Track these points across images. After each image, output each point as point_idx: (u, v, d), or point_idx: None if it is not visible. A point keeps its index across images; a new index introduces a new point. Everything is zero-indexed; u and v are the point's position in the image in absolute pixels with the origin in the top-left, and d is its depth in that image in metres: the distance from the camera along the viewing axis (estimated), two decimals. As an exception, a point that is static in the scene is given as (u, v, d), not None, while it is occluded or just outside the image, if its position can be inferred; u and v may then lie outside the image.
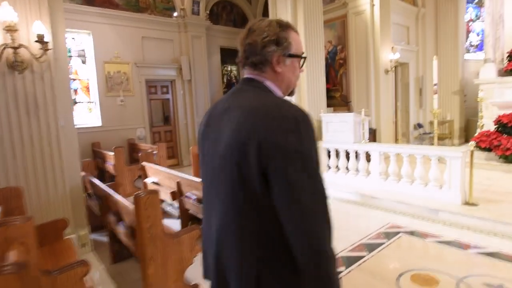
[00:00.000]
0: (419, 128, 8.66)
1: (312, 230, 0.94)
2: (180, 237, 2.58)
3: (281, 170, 0.93)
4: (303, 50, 1.17)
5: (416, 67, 8.69)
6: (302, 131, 0.94)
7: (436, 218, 4.18)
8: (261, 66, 1.09)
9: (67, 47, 7.33)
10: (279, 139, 0.93)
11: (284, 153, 0.92)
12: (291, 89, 1.18)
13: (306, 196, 0.93)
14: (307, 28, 5.67)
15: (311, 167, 0.95)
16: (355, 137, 5.33)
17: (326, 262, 0.95)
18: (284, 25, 1.10)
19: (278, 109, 0.98)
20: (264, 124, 0.95)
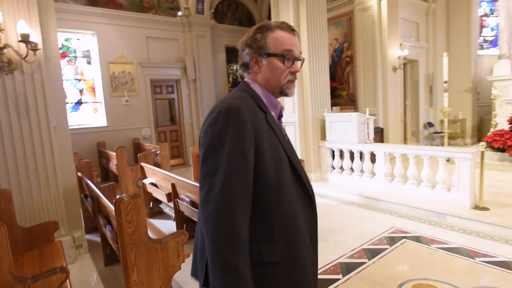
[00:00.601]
0: (429, 127, 8.35)
1: (208, 219, 0.95)
2: (165, 243, 2.48)
3: (201, 157, 1.01)
4: (286, 48, 1.12)
5: (426, 64, 8.38)
6: (222, 123, 0.97)
7: (444, 223, 3.97)
8: (245, 68, 1.17)
9: (72, 48, 7.40)
10: (203, 131, 1.03)
11: (204, 142, 1.01)
12: (277, 88, 1.16)
13: (209, 183, 0.96)
14: (310, 27, 5.50)
15: (223, 157, 0.96)
16: (359, 137, 5.14)
17: (216, 266, 0.93)
18: (263, 27, 1.13)
19: (217, 104, 1.05)
20: (205, 119, 1.06)
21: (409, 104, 8.09)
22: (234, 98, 1.05)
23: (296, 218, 1.08)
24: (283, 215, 1.05)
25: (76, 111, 7.50)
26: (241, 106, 1.01)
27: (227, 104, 1.01)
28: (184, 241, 2.59)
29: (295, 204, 1.09)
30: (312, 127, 5.68)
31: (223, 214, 0.93)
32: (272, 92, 1.16)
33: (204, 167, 0.98)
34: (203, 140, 1.02)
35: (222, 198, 0.93)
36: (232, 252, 0.91)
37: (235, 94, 1.11)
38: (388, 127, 7.06)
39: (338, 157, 5.57)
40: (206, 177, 0.97)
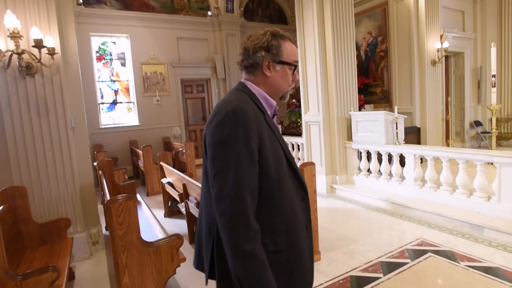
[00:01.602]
0: (477, 127, 7.52)
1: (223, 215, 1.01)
2: (158, 246, 2.45)
3: (209, 157, 1.07)
4: (296, 59, 1.26)
5: (473, 56, 7.54)
6: (229, 124, 1.04)
7: (480, 237, 3.51)
8: (252, 69, 1.21)
9: (108, 50, 7.79)
10: (211, 132, 1.08)
11: (212, 144, 1.07)
12: (281, 93, 1.27)
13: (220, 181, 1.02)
14: (335, 21, 5.18)
15: (233, 156, 1.02)
16: (387, 138, 4.75)
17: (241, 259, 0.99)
18: (278, 35, 1.20)
19: (222, 106, 1.10)
20: (210, 119, 1.12)
21: (453, 101, 7.36)
22: (237, 100, 1.11)
23: (294, 210, 1.18)
24: (283, 207, 1.14)
25: (111, 111, 7.89)
26: (246, 107, 1.08)
27: (232, 106, 1.07)
28: (179, 245, 2.54)
29: (293, 195, 1.19)
30: (338, 126, 5.37)
31: (237, 208, 1.00)
32: (273, 94, 1.25)
33: (214, 166, 1.05)
34: (210, 140, 1.08)
35: (235, 194, 1.00)
36: (249, 241, 0.99)
37: (237, 95, 1.16)
38: (426, 127, 6.47)
39: (365, 158, 5.21)
40: (217, 175, 1.04)
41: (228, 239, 1.00)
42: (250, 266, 0.99)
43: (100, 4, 7.42)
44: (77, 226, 3.57)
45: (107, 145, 7.55)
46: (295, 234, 1.17)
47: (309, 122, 5.70)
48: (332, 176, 5.49)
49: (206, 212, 1.22)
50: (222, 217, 1.02)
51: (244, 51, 1.20)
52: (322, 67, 5.31)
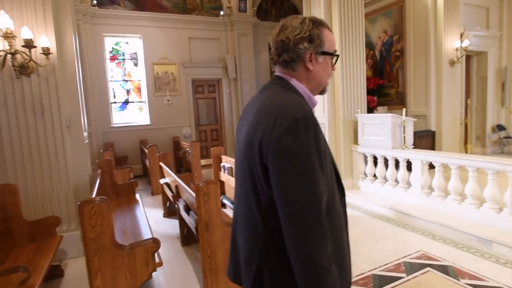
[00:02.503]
0: (499, 131, 7.01)
1: (300, 234, 0.94)
2: (133, 250, 2.41)
3: (276, 170, 0.95)
4: (335, 48, 1.15)
5: (497, 56, 7.04)
6: (301, 132, 0.94)
7: (488, 252, 3.23)
8: (293, 64, 1.09)
9: (121, 51, 7.93)
10: (277, 139, 0.94)
11: (280, 153, 0.94)
12: (322, 87, 1.17)
13: (295, 198, 0.93)
14: (343, 19, 4.98)
15: (307, 169, 0.94)
16: (393, 142, 4.50)
17: (318, 275, 0.93)
18: (317, 22, 1.09)
19: (283, 109, 0.98)
20: (267, 124, 0.97)
21: (474, 104, 6.91)
22: (300, 104, 1.01)
23: (340, 212, 1.13)
24: (335, 213, 1.08)
25: (123, 110, 8.04)
26: (312, 113, 1.00)
27: (301, 111, 0.97)
28: (154, 249, 2.49)
29: (338, 198, 1.13)
30: (344, 129, 5.17)
31: (317, 227, 0.94)
32: (315, 90, 1.16)
33: (285, 181, 0.95)
34: (277, 149, 0.95)
35: (314, 213, 0.94)
36: (328, 258, 0.95)
37: (291, 97, 1.05)
38: (441, 130, 6.11)
39: (371, 163, 4.98)
40: (290, 192, 0.94)
41: (306, 258, 0.94)
42: (328, 283, 0.95)
43: (114, 5, 7.57)
44: (71, 224, 3.62)
45: (118, 144, 7.70)
46: (341, 236, 1.12)
47: (315, 124, 5.52)
48: (337, 180, 5.28)
49: (247, 226, 1.11)
50: (299, 236, 0.94)
51: (282, 43, 1.08)
52: (328, 67, 5.12)
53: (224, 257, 2.73)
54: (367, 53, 7.71)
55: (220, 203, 2.70)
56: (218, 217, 2.67)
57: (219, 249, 2.71)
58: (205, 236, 2.65)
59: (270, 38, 1.14)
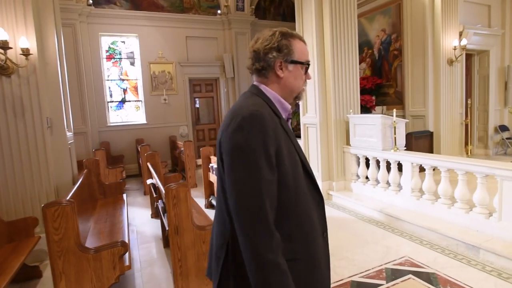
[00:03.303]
0: (502, 132, 6.79)
1: (244, 226, 0.99)
2: (99, 253, 2.37)
3: (227, 165, 1.04)
4: (307, 58, 1.23)
5: (500, 55, 6.81)
6: (248, 129, 1.01)
7: (475, 259, 3.11)
8: (264, 72, 1.17)
9: (118, 50, 7.94)
10: (228, 138, 1.04)
11: (230, 149, 1.03)
12: (295, 93, 1.23)
13: (240, 191, 0.99)
14: (334, 20, 4.85)
15: (252, 164, 0.99)
16: (384, 143, 4.38)
17: (260, 267, 0.97)
18: (287, 34, 1.17)
19: (238, 110, 1.06)
20: (227, 125, 1.07)
21: (476, 104, 6.71)
22: (254, 105, 1.08)
23: (311, 217, 1.15)
24: (300, 214, 1.11)
25: (120, 109, 8.06)
26: (263, 112, 1.05)
27: (249, 111, 1.04)
28: (121, 252, 2.44)
29: (309, 202, 1.15)
30: (335, 130, 5.06)
31: (258, 218, 0.98)
32: (287, 96, 1.21)
33: (232, 174, 1.02)
34: (227, 147, 1.04)
35: (255, 203, 0.98)
36: (272, 251, 0.97)
37: (252, 100, 1.13)
38: (440, 131, 5.94)
39: (363, 165, 4.86)
40: (236, 184, 1.01)
41: (250, 249, 0.98)
42: (273, 276, 0.97)
43: (110, 4, 7.58)
44: (42, 225, 3.60)
45: (114, 143, 7.72)
46: (312, 241, 1.15)
47: (307, 125, 5.43)
48: (329, 182, 5.19)
49: (219, 222, 1.19)
50: (243, 227, 0.99)
51: (254, 54, 1.17)
52: (319, 67, 5.02)
53: (195, 260, 2.68)
54: (365, 52, 7.58)
55: (191, 206, 2.64)
56: (188, 221, 2.62)
57: (190, 252, 2.66)
58: (175, 239, 2.60)
59: (248, 48, 1.22)
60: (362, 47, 7.60)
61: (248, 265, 0.99)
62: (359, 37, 7.53)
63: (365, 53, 7.54)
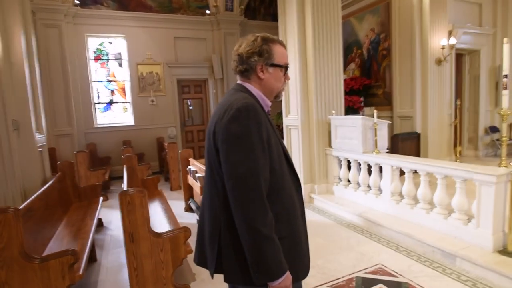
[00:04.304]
0: (493, 133, 6.62)
1: (242, 204, 1.10)
2: (47, 262, 2.26)
3: (224, 151, 1.14)
4: (287, 61, 1.37)
5: (491, 55, 6.64)
6: (243, 119, 1.13)
7: (450, 267, 2.97)
8: (247, 73, 1.31)
9: (105, 51, 7.86)
10: (224, 126, 1.15)
11: (226, 137, 1.14)
12: (275, 93, 1.38)
13: (238, 172, 1.10)
14: (316, 20, 4.72)
15: (248, 148, 1.11)
16: (364, 146, 4.25)
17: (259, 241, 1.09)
18: (268, 40, 1.31)
19: (231, 103, 1.19)
20: (219, 115, 1.19)
21: (466, 105, 6.56)
22: (245, 98, 1.21)
23: (293, 199, 1.29)
24: (285, 197, 1.24)
25: (107, 110, 7.97)
26: (255, 103, 1.20)
27: (243, 102, 1.16)
28: (71, 261, 2.33)
29: (291, 187, 1.29)
30: (317, 131, 4.93)
31: (255, 197, 1.10)
32: (268, 95, 1.36)
33: (230, 159, 1.13)
34: (224, 135, 1.14)
35: (253, 184, 1.10)
36: (267, 226, 1.11)
37: (241, 95, 1.25)
38: (427, 132, 5.80)
39: (345, 167, 4.73)
40: (233, 167, 1.11)
41: (248, 225, 1.09)
42: (268, 249, 1.10)
43: (97, 4, 7.50)
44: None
45: (101, 145, 7.63)
46: (294, 221, 1.28)
47: (290, 126, 5.31)
48: (311, 185, 5.06)
49: (210, 208, 1.28)
50: (241, 206, 1.10)
51: (238, 57, 1.30)
52: (301, 68, 4.91)
53: (152, 269, 2.57)
54: (355, 52, 7.45)
55: (147, 212, 2.53)
56: (144, 228, 2.51)
57: (147, 261, 2.55)
58: (130, 247, 2.49)
59: (232, 52, 1.35)
60: (352, 47, 7.48)
61: (244, 240, 1.11)
62: (349, 37, 7.44)
63: (354, 53, 7.42)
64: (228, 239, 1.19)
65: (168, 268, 2.62)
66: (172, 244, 2.61)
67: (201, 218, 1.37)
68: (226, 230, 1.19)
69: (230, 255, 1.20)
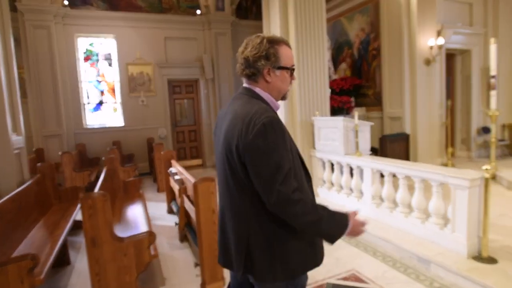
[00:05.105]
0: (485, 134, 6.52)
1: (302, 216, 1.21)
2: (5, 267, 2.22)
3: (251, 162, 1.21)
4: (293, 62, 1.37)
5: (482, 55, 6.53)
6: (268, 134, 1.18)
7: (424, 274, 2.91)
8: (254, 77, 1.32)
9: (95, 51, 7.83)
10: (250, 141, 1.19)
11: (254, 152, 1.19)
12: (282, 94, 1.40)
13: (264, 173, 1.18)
14: (299, 18, 4.68)
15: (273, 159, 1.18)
16: (346, 147, 4.19)
17: (316, 225, 1.24)
18: (274, 41, 1.30)
19: (253, 117, 1.21)
20: (242, 130, 1.21)
21: (458, 105, 6.47)
22: (265, 110, 1.24)
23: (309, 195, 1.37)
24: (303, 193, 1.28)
25: (97, 111, 7.95)
26: (277, 117, 1.23)
27: (267, 117, 1.19)
28: (29, 266, 2.29)
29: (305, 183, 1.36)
30: (301, 132, 4.88)
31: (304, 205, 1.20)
32: (276, 97, 1.38)
33: (263, 175, 1.19)
34: (252, 151, 1.19)
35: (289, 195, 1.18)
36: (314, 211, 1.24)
37: (260, 105, 1.28)
38: (417, 133, 5.72)
39: (328, 169, 4.68)
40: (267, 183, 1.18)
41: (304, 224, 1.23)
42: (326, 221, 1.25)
43: (86, 5, 7.47)
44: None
45: (91, 145, 7.61)
46: None
47: (275, 127, 5.25)
48: (296, 187, 4.99)
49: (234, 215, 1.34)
50: (300, 216, 1.20)
51: (245, 60, 1.30)
52: (285, 68, 4.84)
53: (116, 275, 2.53)
54: (345, 52, 7.38)
55: (110, 216, 2.49)
56: (107, 232, 2.47)
57: (110, 266, 2.50)
58: (92, 252, 2.45)
59: (237, 54, 1.35)
60: (343, 47, 7.41)
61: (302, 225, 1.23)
62: (339, 37, 7.37)
63: (345, 53, 7.35)
64: (257, 244, 1.27)
65: (132, 273, 2.58)
66: (136, 249, 2.57)
67: (222, 222, 1.43)
68: (256, 236, 1.27)
69: (260, 257, 1.27)
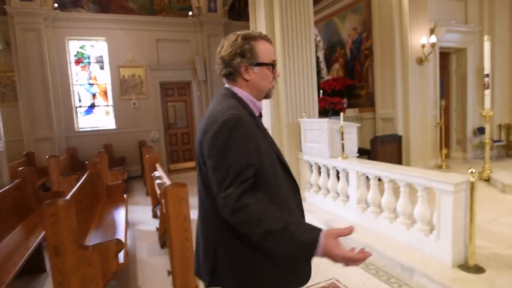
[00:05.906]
0: (481, 134, 6.34)
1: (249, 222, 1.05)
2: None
3: (211, 168, 1.12)
4: (273, 58, 1.27)
5: (478, 53, 6.36)
6: (228, 132, 1.09)
7: (408, 283, 2.78)
8: (232, 76, 1.25)
9: (87, 54, 7.78)
10: (209, 142, 1.13)
11: (212, 153, 1.12)
12: (264, 93, 1.29)
13: (217, 172, 1.10)
14: (285, 20, 4.57)
15: (229, 157, 1.08)
16: (331, 150, 4.06)
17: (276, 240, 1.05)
18: (249, 37, 1.22)
19: (217, 114, 1.15)
20: (206, 128, 1.16)
21: (453, 105, 6.31)
22: (231, 107, 1.15)
23: (289, 205, 1.24)
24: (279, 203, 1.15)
25: (89, 114, 7.89)
26: (241, 115, 1.13)
27: (228, 114, 1.11)
28: (-13, 278, 2.21)
29: (288, 195, 1.25)
30: (288, 135, 4.76)
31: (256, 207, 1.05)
32: (258, 96, 1.28)
33: (217, 175, 1.09)
34: (210, 151, 1.11)
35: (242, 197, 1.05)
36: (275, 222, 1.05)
37: (228, 103, 1.19)
38: (409, 134, 5.58)
39: (315, 172, 4.55)
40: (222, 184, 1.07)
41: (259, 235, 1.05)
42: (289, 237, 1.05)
43: (77, 7, 7.42)
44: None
45: (82, 149, 7.54)
46: None
47: (263, 130, 5.13)
48: (284, 190, 4.87)
49: (203, 222, 1.27)
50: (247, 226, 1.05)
51: (221, 60, 1.24)
52: (271, 68, 4.73)
53: (80, 284, 2.42)
54: (338, 52, 7.25)
55: (75, 224, 2.39)
56: (70, 240, 2.36)
57: (74, 276, 2.40)
58: (55, 261, 2.35)
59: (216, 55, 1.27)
60: (335, 46, 7.29)
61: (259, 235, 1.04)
62: (332, 37, 7.25)
63: (338, 53, 7.22)
64: (225, 252, 1.18)
65: (97, 282, 2.47)
66: (102, 257, 2.47)
67: (196, 230, 1.35)
68: (223, 244, 1.18)
69: (226, 270, 1.18)
